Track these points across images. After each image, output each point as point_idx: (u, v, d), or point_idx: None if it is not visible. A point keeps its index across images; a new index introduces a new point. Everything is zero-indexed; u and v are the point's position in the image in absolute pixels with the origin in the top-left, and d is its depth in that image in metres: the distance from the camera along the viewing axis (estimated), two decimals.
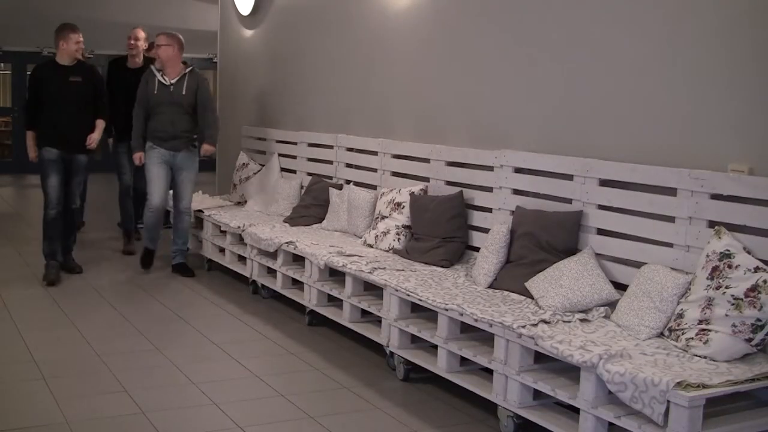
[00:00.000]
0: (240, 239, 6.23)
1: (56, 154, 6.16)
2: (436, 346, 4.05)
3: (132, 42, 7.50)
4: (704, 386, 2.91)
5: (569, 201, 4.25)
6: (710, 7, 3.68)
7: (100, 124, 6.38)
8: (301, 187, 6.62)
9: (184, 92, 6.35)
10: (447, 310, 3.94)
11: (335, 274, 5.07)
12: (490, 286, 4.27)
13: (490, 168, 4.76)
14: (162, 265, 6.74)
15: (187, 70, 6.42)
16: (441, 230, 4.86)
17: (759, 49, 3.49)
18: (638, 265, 3.78)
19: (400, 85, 5.80)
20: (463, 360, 3.95)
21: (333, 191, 5.98)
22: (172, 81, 6.37)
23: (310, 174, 6.68)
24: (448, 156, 5.13)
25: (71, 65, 6.25)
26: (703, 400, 2.89)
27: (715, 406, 3.04)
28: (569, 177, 4.25)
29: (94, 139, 6.29)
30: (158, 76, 6.39)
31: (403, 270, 4.59)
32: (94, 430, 3.63)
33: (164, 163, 6.41)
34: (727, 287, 3.27)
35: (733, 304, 3.22)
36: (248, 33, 8.21)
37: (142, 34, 7.60)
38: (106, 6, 14.37)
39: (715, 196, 3.54)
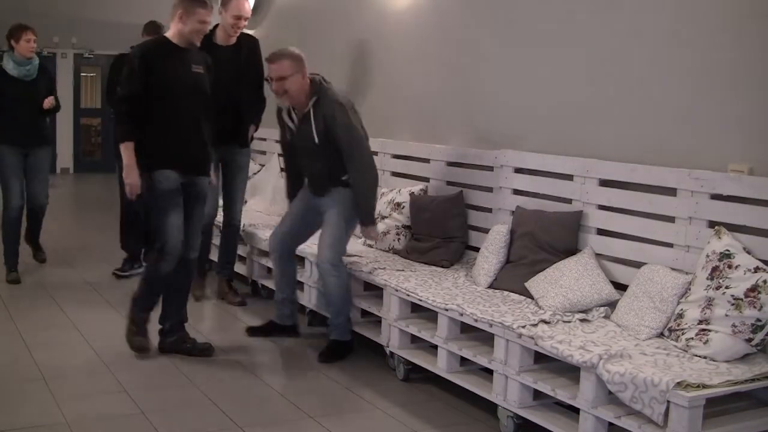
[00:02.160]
0: (240, 239, 6.22)
1: (177, 180, 4.40)
2: (436, 346, 4.05)
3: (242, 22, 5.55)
4: (704, 386, 2.91)
5: (569, 201, 4.25)
6: (710, 7, 3.68)
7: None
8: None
9: (316, 140, 4.50)
10: (447, 310, 3.94)
11: None
12: (490, 286, 4.27)
13: (490, 168, 4.76)
14: None
15: (312, 100, 4.51)
16: (441, 230, 4.86)
17: (759, 49, 3.49)
18: (638, 265, 3.78)
19: (400, 85, 5.80)
20: (463, 360, 3.94)
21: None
22: (298, 120, 4.60)
23: None
24: (448, 156, 5.13)
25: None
26: (703, 400, 2.89)
27: (715, 406, 3.04)
28: (569, 177, 4.25)
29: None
30: (286, 117, 4.71)
31: (403, 270, 4.59)
32: (94, 430, 3.62)
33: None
34: (727, 287, 3.26)
35: (733, 304, 3.22)
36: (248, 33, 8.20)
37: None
38: (106, 6, 14.37)
39: (715, 196, 3.54)
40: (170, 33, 4.45)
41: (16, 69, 6.04)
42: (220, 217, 5.77)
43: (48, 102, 6.13)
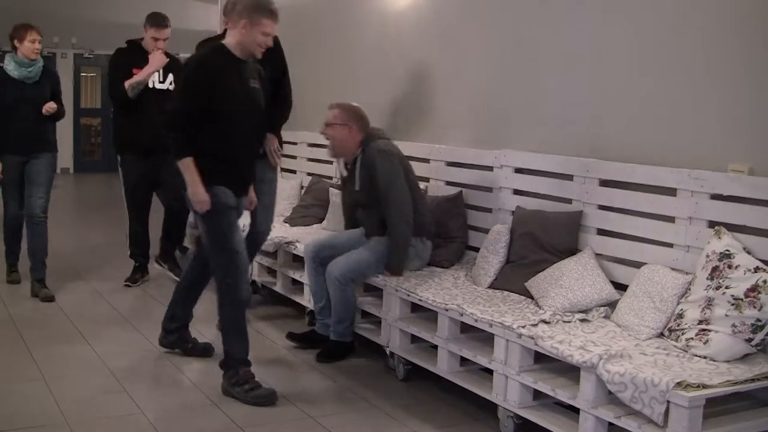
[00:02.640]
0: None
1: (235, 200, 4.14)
2: (436, 347, 4.05)
3: None
4: (704, 386, 2.91)
5: (569, 201, 4.25)
6: (710, 6, 3.68)
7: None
8: (301, 187, 6.61)
9: (357, 187, 4.64)
10: (447, 310, 3.94)
11: None
12: (490, 286, 4.27)
13: (490, 168, 4.76)
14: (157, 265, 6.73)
15: (359, 150, 4.61)
16: (441, 230, 4.85)
17: (759, 48, 3.49)
18: (638, 265, 3.78)
19: (400, 85, 5.80)
20: (463, 360, 3.94)
21: (333, 191, 5.98)
22: (347, 170, 4.76)
23: (310, 174, 6.67)
24: (448, 156, 5.13)
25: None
26: (703, 400, 2.89)
27: (715, 406, 3.04)
28: (569, 177, 4.25)
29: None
30: (341, 165, 4.87)
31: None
32: (94, 430, 3.62)
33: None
34: (727, 287, 3.26)
35: (733, 305, 3.22)
36: None
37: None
38: (106, 6, 14.38)
39: (715, 196, 3.54)
40: (229, 42, 4.04)
41: (17, 70, 5.69)
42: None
43: (47, 107, 5.66)
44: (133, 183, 6.06)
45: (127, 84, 5.83)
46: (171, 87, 5.97)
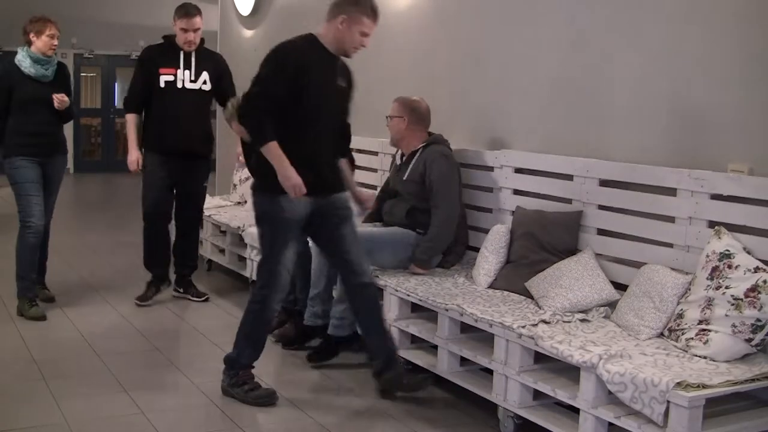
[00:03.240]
0: (240, 239, 6.22)
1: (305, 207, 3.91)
2: (436, 347, 4.05)
3: None
4: (704, 386, 2.91)
5: (569, 201, 4.25)
6: (710, 7, 3.68)
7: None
8: None
9: (405, 177, 4.71)
10: (447, 310, 3.94)
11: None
12: (490, 286, 4.27)
13: (490, 168, 4.76)
14: None
15: (422, 145, 4.71)
16: None
17: (760, 48, 3.49)
18: (638, 265, 3.78)
19: (400, 85, 5.79)
20: (463, 360, 3.94)
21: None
22: (401, 161, 4.86)
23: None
24: None
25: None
26: (703, 400, 2.89)
27: (715, 406, 3.04)
28: (569, 177, 4.25)
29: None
30: (398, 157, 4.97)
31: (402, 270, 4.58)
32: (94, 430, 3.63)
33: None
34: (727, 287, 3.26)
35: (733, 305, 3.22)
36: (248, 33, 8.21)
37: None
38: (106, 6, 14.38)
39: (715, 197, 3.54)
40: (323, 35, 3.84)
41: (34, 67, 5.20)
42: None
43: (60, 100, 5.18)
44: (152, 184, 5.54)
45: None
46: (204, 87, 5.50)
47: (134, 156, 5.52)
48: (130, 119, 5.59)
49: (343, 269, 4.03)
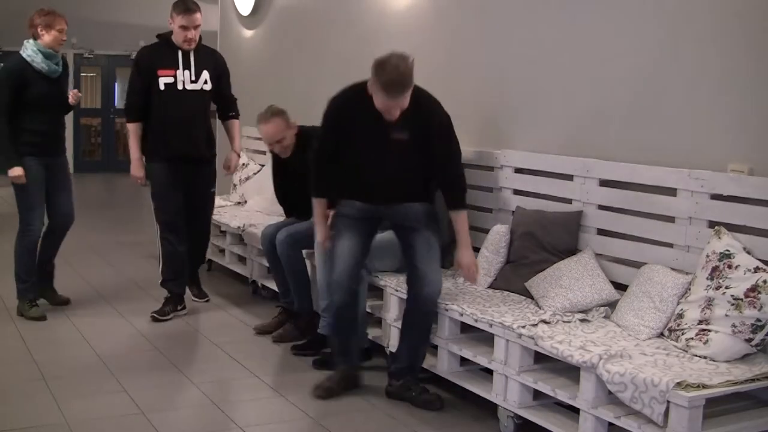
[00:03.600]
0: (240, 239, 6.23)
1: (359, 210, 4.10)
2: (436, 346, 4.05)
3: None
4: (704, 386, 2.91)
5: (569, 201, 4.25)
6: (710, 7, 3.68)
7: None
8: None
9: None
10: (447, 310, 3.94)
11: None
12: (490, 286, 4.27)
13: (490, 168, 4.76)
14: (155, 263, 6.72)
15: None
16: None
17: (760, 48, 3.49)
18: (638, 265, 3.78)
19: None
20: (463, 360, 3.95)
21: None
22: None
23: None
24: None
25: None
26: (703, 400, 2.89)
27: (715, 406, 3.04)
28: (569, 177, 4.25)
29: None
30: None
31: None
32: (94, 430, 3.63)
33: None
34: (727, 287, 3.26)
35: (733, 305, 3.22)
36: (248, 33, 8.21)
37: None
38: (106, 6, 14.38)
39: (715, 197, 3.54)
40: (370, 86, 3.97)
41: (45, 63, 5.00)
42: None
43: (75, 95, 5.12)
44: (165, 194, 5.29)
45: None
46: (205, 87, 5.28)
47: (140, 173, 5.30)
48: (133, 129, 5.29)
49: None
